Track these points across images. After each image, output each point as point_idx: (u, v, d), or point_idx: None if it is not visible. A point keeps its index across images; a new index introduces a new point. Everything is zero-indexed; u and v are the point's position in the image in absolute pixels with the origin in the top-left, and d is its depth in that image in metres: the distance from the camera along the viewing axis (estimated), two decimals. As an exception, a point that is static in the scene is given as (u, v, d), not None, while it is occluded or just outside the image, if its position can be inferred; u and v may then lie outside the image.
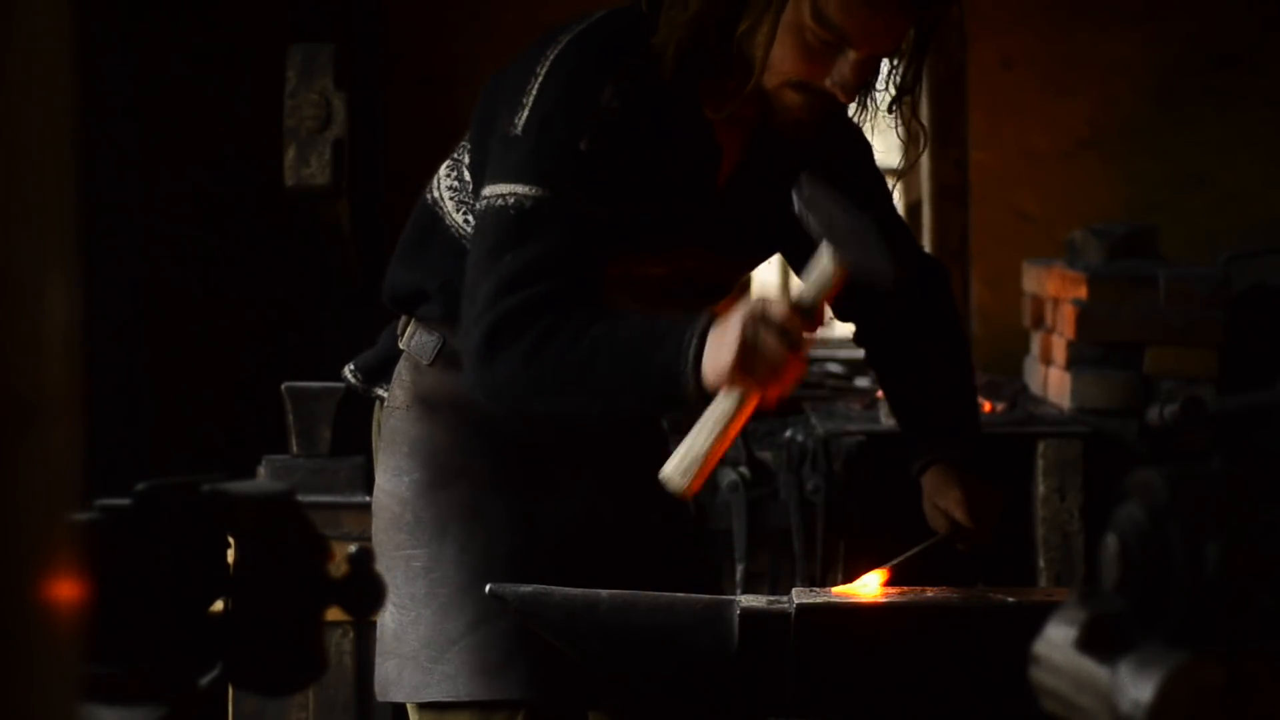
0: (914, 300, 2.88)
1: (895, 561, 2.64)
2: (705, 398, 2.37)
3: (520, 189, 2.47)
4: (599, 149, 2.48)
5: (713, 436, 2.36)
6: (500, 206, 2.48)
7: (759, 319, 2.30)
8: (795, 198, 2.40)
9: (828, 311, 2.48)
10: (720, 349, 2.32)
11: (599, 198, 2.48)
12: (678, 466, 2.38)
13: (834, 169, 2.73)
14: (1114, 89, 5.99)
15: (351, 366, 2.81)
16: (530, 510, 2.64)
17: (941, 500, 2.76)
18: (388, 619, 2.65)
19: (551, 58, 2.52)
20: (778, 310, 2.31)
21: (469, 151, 2.63)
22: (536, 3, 5.56)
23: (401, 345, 2.72)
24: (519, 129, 2.49)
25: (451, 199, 2.65)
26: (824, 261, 2.38)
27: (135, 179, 5.35)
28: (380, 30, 5.98)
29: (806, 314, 2.34)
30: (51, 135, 1.06)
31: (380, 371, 2.76)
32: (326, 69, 4.34)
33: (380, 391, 2.76)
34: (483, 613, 2.56)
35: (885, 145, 2.84)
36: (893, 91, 2.61)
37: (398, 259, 2.72)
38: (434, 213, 2.68)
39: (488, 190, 2.51)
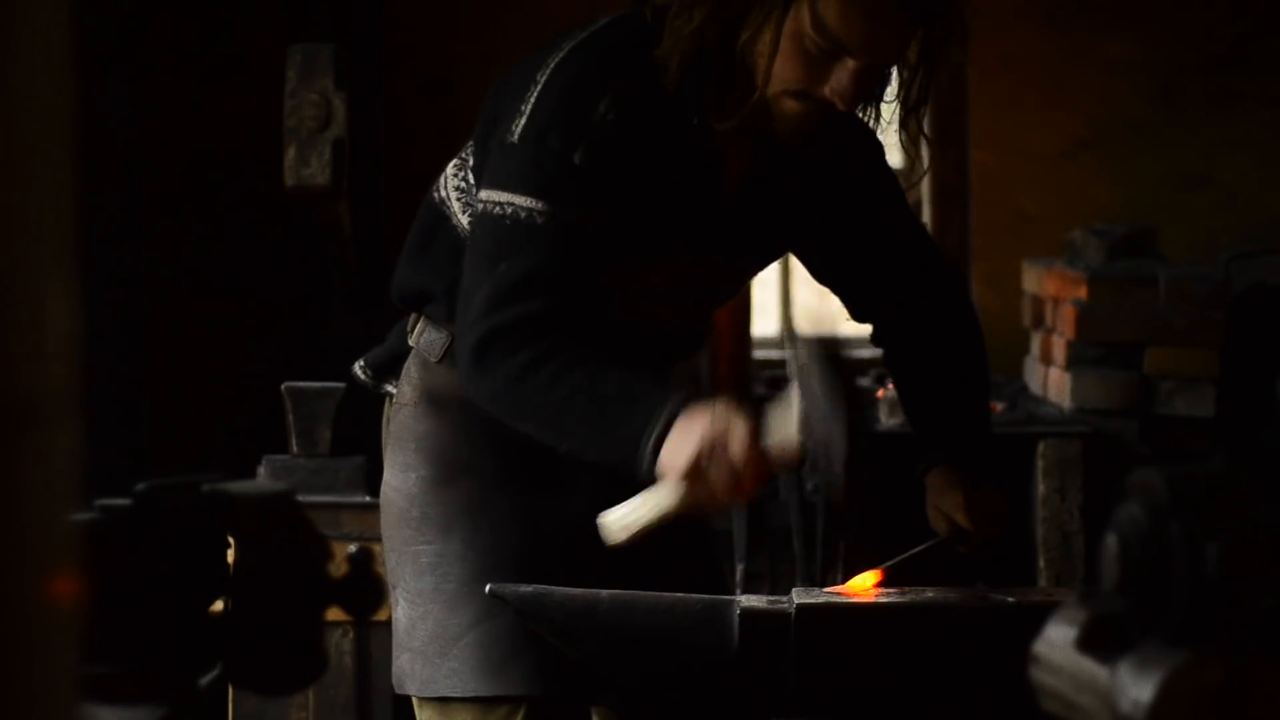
0: (930, 302, 2.88)
1: (894, 561, 2.64)
2: (659, 477, 2.43)
3: (516, 199, 2.49)
4: (594, 162, 2.48)
5: (655, 514, 2.44)
6: (497, 215, 2.50)
7: (717, 448, 2.37)
8: (791, 353, 2.45)
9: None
10: (676, 451, 2.39)
11: (594, 211, 2.49)
12: (618, 521, 2.46)
13: (839, 178, 2.72)
14: (1114, 89, 5.99)
15: (361, 363, 2.83)
16: (536, 507, 2.64)
17: (943, 502, 2.75)
18: (400, 613, 2.67)
19: (551, 65, 2.52)
20: (738, 447, 2.36)
21: (473, 154, 2.64)
22: (537, 3, 5.56)
23: (410, 342, 2.73)
24: (516, 137, 2.51)
25: (458, 200, 2.65)
26: (791, 423, 2.41)
27: (135, 179, 5.34)
28: (380, 30, 5.98)
29: (764, 459, 2.39)
30: (51, 136, 1.06)
31: (390, 368, 2.78)
32: (326, 69, 4.34)
33: (390, 388, 2.77)
34: (487, 608, 2.57)
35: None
36: (899, 105, 2.59)
37: (405, 258, 2.73)
38: (440, 212, 2.68)
39: (484, 195, 2.52)
